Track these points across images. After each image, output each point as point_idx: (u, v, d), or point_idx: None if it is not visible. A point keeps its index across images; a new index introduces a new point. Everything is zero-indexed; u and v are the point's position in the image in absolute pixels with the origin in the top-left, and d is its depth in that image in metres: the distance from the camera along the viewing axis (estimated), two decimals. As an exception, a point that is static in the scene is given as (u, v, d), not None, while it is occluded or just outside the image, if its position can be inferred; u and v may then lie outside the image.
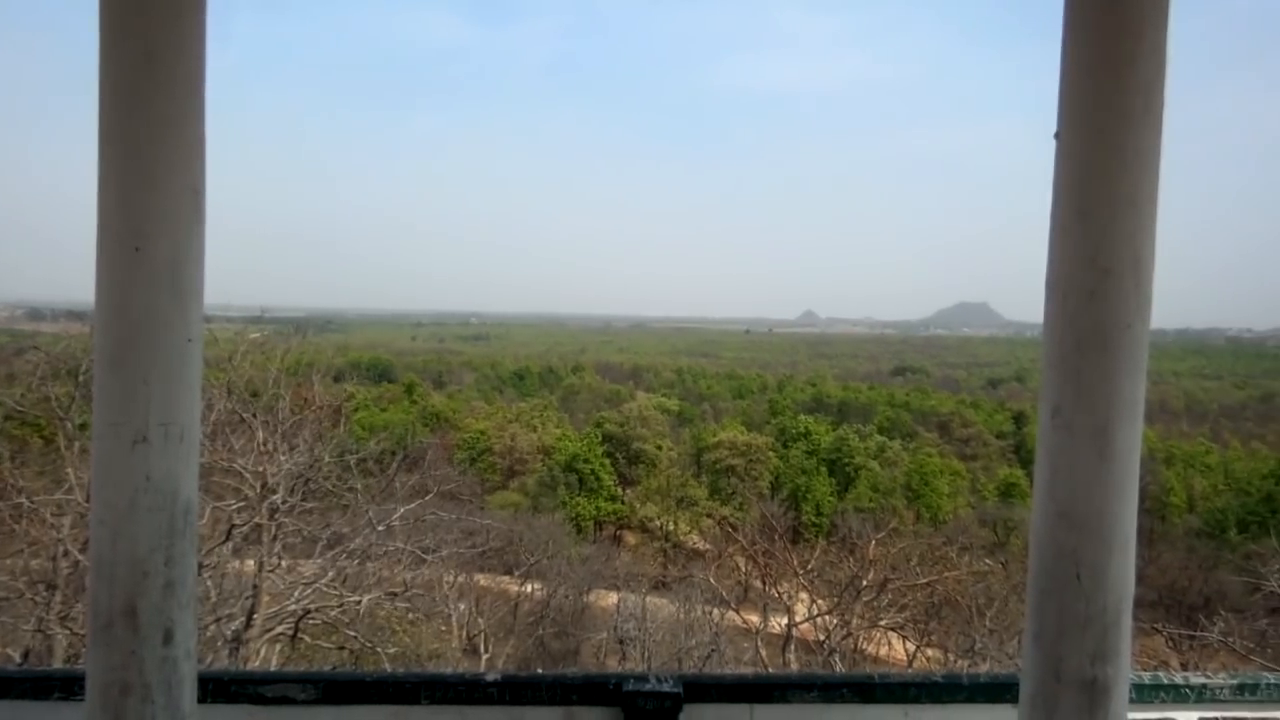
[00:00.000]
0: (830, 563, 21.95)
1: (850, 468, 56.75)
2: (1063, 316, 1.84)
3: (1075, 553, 1.84)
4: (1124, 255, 1.78)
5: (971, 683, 2.89)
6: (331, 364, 25.20)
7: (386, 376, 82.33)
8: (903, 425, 68.70)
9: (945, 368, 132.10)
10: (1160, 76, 1.78)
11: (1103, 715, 1.85)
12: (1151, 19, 1.76)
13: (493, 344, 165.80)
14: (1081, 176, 1.81)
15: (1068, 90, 1.82)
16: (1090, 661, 1.84)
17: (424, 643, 18.70)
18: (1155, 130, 1.79)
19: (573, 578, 33.09)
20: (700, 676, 2.84)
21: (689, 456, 59.87)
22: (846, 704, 2.83)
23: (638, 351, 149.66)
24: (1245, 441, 73.14)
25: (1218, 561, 40.77)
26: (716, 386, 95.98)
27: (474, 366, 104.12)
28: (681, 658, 21.34)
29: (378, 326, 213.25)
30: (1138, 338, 1.82)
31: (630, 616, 28.18)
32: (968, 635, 18.43)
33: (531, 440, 57.48)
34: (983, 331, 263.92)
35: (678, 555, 47.84)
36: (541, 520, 40.13)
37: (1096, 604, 1.83)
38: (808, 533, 42.74)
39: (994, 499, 52.01)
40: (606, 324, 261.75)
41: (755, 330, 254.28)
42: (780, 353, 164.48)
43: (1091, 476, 1.82)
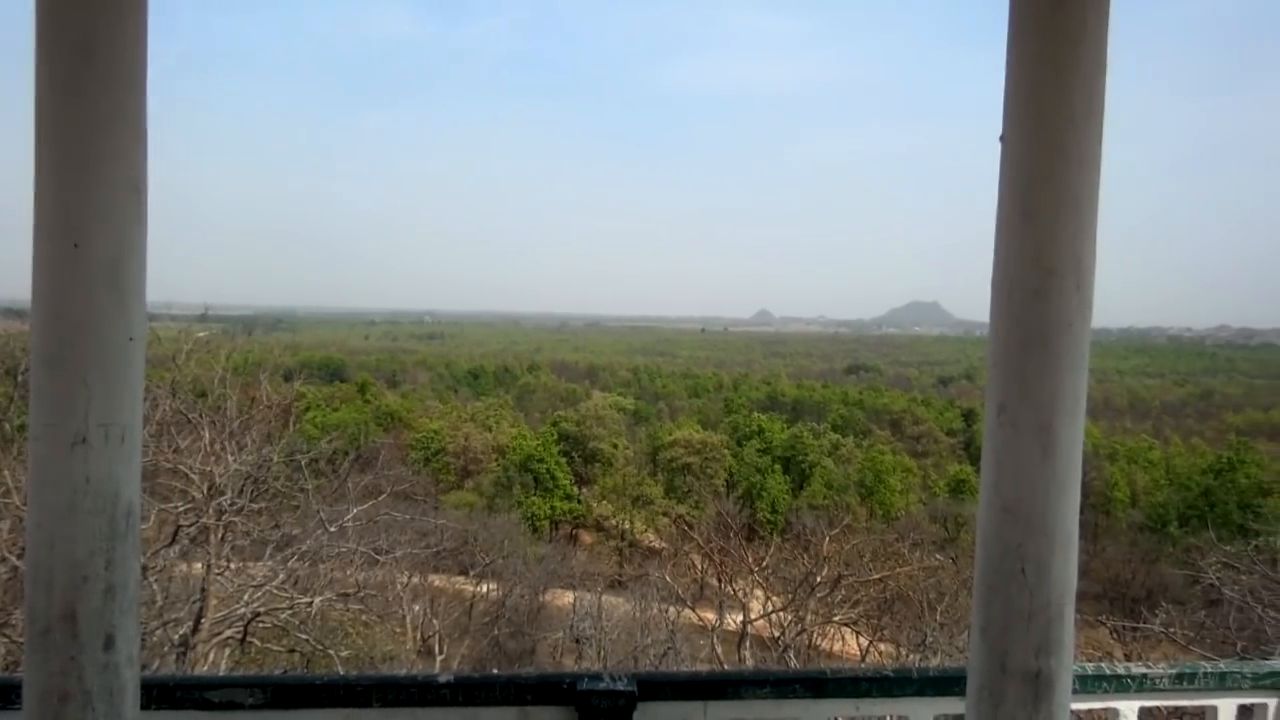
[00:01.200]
0: (785, 560, 22.13)
1: (805, 465, 57.27)
2: (1008, 316, 1.87)
3: (1020, 548, 1.87)
4: (1066, 256, 1.82)
5: (921, 676, 2.94)
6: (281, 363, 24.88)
7: (339, 376, 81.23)
8: (856, 423, 69.47)
9: (897, 366, 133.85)
10: (1101, 82, 1.82)
11: (1047, 706, 1.88)
12: (1093, 26, 1.80)
13: (447, 343, 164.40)
14: (1026, 178, 1.85)
15: (1012, 94, 1.85)
16: (1035, 654, 1.88)
17: (378, 645, 18.49)
18: (1096, 134, 1.83)
19: (528, 577, 32.95)
20: (654, 674, 2.85)
21: (645, 455, 59.93)
22: (799, 699, 2.86)
23: (594, 350, 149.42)
24: (1186, 438, 75.18)
25: (1159, 555, 41.86)
26: (672, 385, 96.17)
27: (428, 365, 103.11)
28: (637, 656, 21.36)
29: (330, 325, 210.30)
30: (1079, 336, 1.85)
31: (586, 615, 28.16)
32: (919, 629, 18.68)
33: (486, 440, 57.10)
34: (934, 330, 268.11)
35: (634, 554, 47.92)
36: (497, 520, 39.91)
37: (1040, 598, 1.87)
38: (763, 530, 43.03)
39: (945, 495, 52.80)
40: (563, 323, 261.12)
41: (711, 329, 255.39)
42: (735, 352, 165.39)
43: (1035, 473, 1.85)
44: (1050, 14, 1.79)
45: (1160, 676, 3.08)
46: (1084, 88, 1.80)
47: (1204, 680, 3.12)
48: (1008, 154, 1.87)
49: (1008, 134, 1.86)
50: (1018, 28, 1.84)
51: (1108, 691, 3.05)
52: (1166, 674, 3.10)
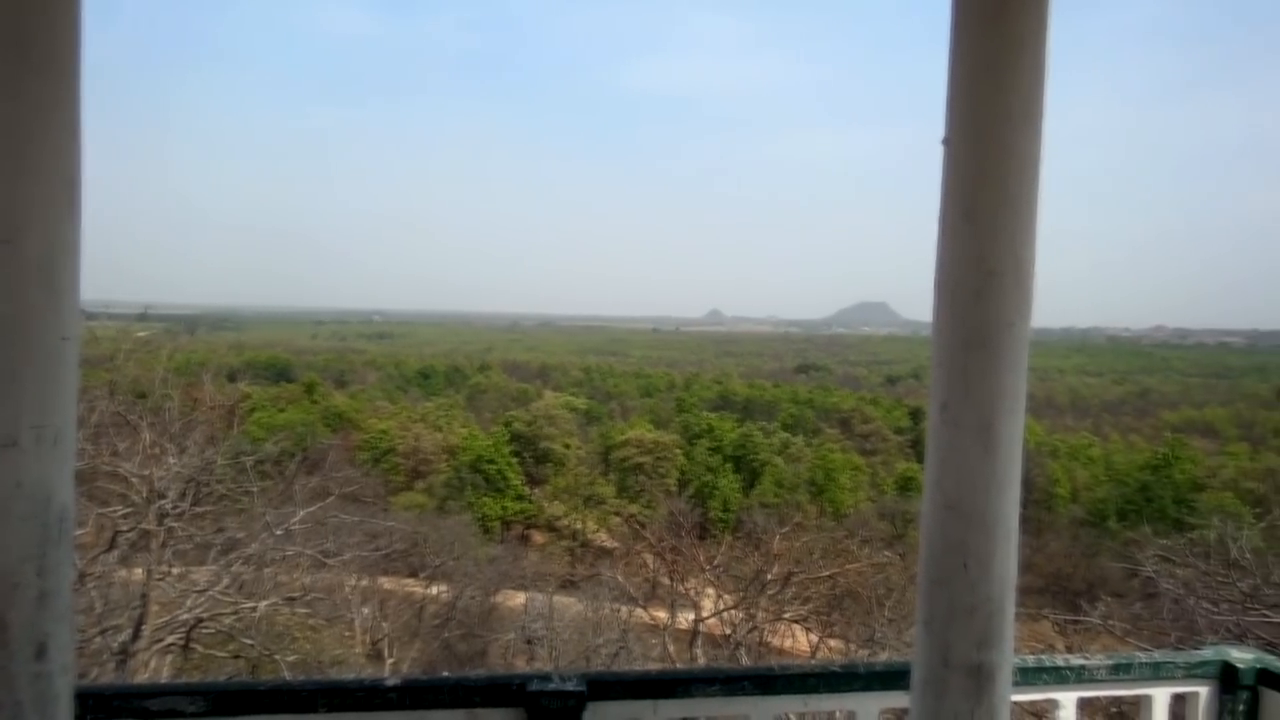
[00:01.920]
0: (736, 558, 22.26)
1: (755, 464, 57.72)
2: (950, 315, 1.90)
3: (962, 544, 1.90)
4: (1006, 256, 1.85)
5: (868, 671, 2.98)
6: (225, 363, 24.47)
7: (285, 376, 79.83)
8: (806, 422, 70.20)
9: (846, 365, 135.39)
10: (1040, 86, 1.86)
11: (988, 698, 1.92)
12: (1032, 33, 1.83)
13: (397, 342, 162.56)
14: (967, 181, 1.88)
15: (954, 99, 1.88)
16: (977, 647, 1.91)
17: (325, 649, 18.22)
18: (1036, 137, 1.87)
19: (480, 579, 32.71)
20: (604, 674, 2.85)
21: (597, 455, 59.89)
22: (748, 696, 2.88)
23: (545, 350, 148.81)
24: (1124, 435, 77.32)
25: (1099, 549, 42.89)
26: (624, 385, 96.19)
27: (377, 365, 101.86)
28: (589, 656, 21.32)
29: (276, 324, 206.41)
30: (1019, 336, 1.89)
31: (538, 616, 28.06)
32: (868, 625, 18.91)
33: (437, 440, 56.61)
34: (882, 330, 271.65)
35: (586, 554, 47.83)
36: (447, 521, 39.56)
37: (982, 592, 1.90)
38: (715, 529, 43.29)
39: (893, 492, 53.60)
40: (514, 322, 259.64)
41: (662, 329, 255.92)
42: (687, 351, 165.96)
43: (977, 470, 1.88)
44: (991, 21, 1.82)
45: (1098, 667, 3.16)
46: (1024, 92, 1.84)
47: (1140, 670, 3.21)
48: (950, 157, 1.90)
49: (950, 137, 1.89)
50: (960, 34, 1.87)
51: (1048, 683, 3.12)
52: (1104, 665, 3.18)
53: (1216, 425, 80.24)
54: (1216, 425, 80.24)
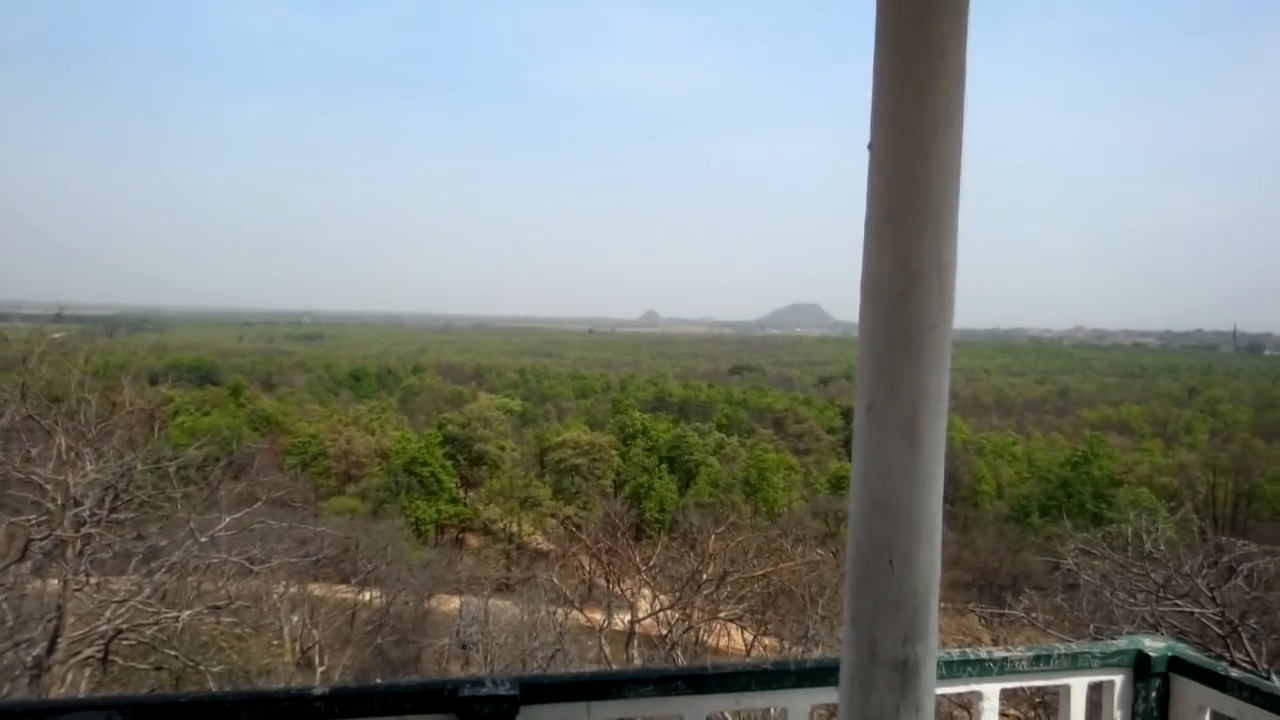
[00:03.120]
0: (672, 558, 22.31)
1: (691, 464, 58.07)
2: (876, 317, 1.93)
3: (888, 541, 1.94)
4: (929, 259, 1.89)
5: (799, 668, 3.01)
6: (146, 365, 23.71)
7: (210, 378, 77.79)
8: (741, 422, 70.87)
9: (780, 366, 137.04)
10: (960, 94, 1.90)
11: (913, 692, 1.96)
12: (952, 42, 1.88)
13: (327, 344, 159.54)
14: (891, 185, 1.91)
15: (878, 105, 1.92)
16: (902, 642, 1.95)
17: (253, 658, 17.82)
18: (957, 143, 1.91)
19: (413, 583, 32.31)
20: (537, 677, 2.83)
21: (532, 457, 59.63)
22: (681, 695, 2.89)
23: (480, 351, 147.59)
24: (1046, 433, 79.79)
25: (1023, 544, 44.20)
26: (560, 386, 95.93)
27: (307, 367, 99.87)
28: (525, 659, 21.18)
29: (200, 325, 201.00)
30: (942, 337, 1.93)
31: (473, 620, 27.77)
32: (801, 623, 19.14)
33: (369, 443, 55.77)
34: (814, 331, 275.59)
35: (521, 556, 47.57)
36: (380, 525, 39.02)
37: (907, 588, 1.94)
38: (650, 529, 43.44)
39: (825, 491, 54.41)
40: (447, 324, 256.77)
41: (598, 330, 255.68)
42: (623, 352, 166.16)
43: (902, 468, 1.92)
44: (912, 31, 1.86)
45: (1019, 659, 3.26)
46: (944, 100, 1.88)
47: (1059, 661, 3.31)
48: (875, 162, 1.93)
49: (875, 143, 1.93)
50: (882, 43, 1.90)
51: (972, 675, 3.20)
52: (1025, 656, 3.27)
53: (1132, 423, 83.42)
54: (1132, 423, 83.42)
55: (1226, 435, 76.92)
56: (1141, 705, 3.33)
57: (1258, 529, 38.25)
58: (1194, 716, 3.24)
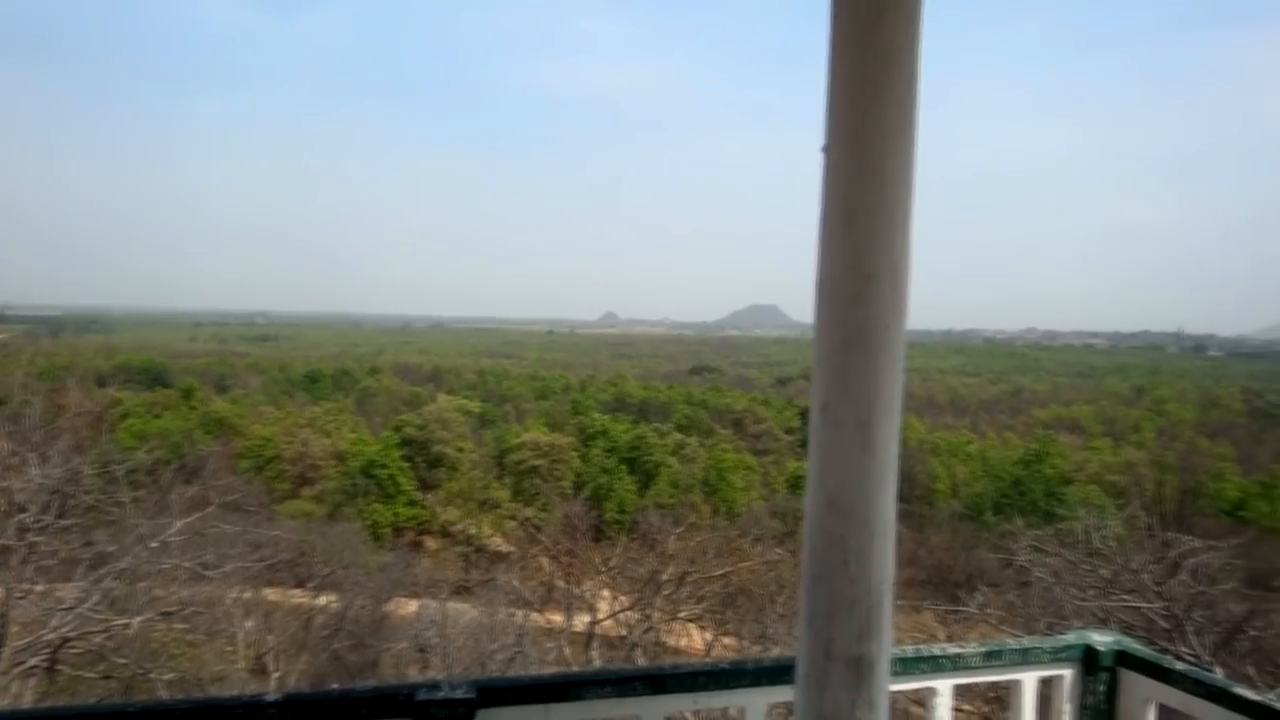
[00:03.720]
0: (632, 559, 22.36)
1: (651, 465, 58.13)
2: (830, 318, 1.95)
3: (843, 540, 1.95)
4: (883, 261, 1.90)
5: (756, 667, 3.03)
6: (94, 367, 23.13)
7: (161, 381, 76.16)
8: (700, 423, 71.09)
9: (739, 367, 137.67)
10: (914, 97, 1.93)
11: (868, 688, 1.97)
12: (906, 47, 1.90)
13: (282, 345, 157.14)
14: (846, 187, 1.93)
15: (833, 107, 1.93)
16: (857, 639, 1.96)
17: (206, 665, 17.52)
18: (910, 145, 1.94)
19: (370, 587, 31.88)
20: (495, 680, 2.81)
21: (492, 458, 59.28)
22: (639, 696, 2.89)
23: (438, 353, 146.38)
24: (1000, 432, 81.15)
25: (977, 541, 44.76)
26: (519, 387, 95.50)
27: (261, 369, 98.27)
28: (484, 662, 21.06)
29: (150, 326, 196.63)
30: (896, 338, 1.95)
31: (431, 624, 27.51)
32: (760, 622, 19.29)
33: (325, 445, 55.05)
34: (773, 332, 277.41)
35: (480, 559, 47.22)
36: (336, 529, 38.49)
37: (862, 586, 1.95)
38: (610, 530, 43.31)
39: (784, 491, 54.75)
40: (405, 324, 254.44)
41: (558, 331, 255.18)
42: (582, 353, 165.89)
43: (856, 467, 1.93)
44: (866, 35, 1.88)
45: (972, 655, 3.31)
46: (898, 103, 1.90)
47: (1010, 656, 3.37)
48: (829, 164, 1.94)
49: (829, 145, 1.94)
50: (837, 45, 1.92)
51: (926, 672, 3.25)
52: (978, 652, 3.32)
53: (1082, 422, 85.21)
54: (1082, 422, 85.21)
55: (1172, 434, 78.89)
56: (1090, 699, 3.40)
57: (1202, 525, 39.04)
58: (1140, 709, 3.31)
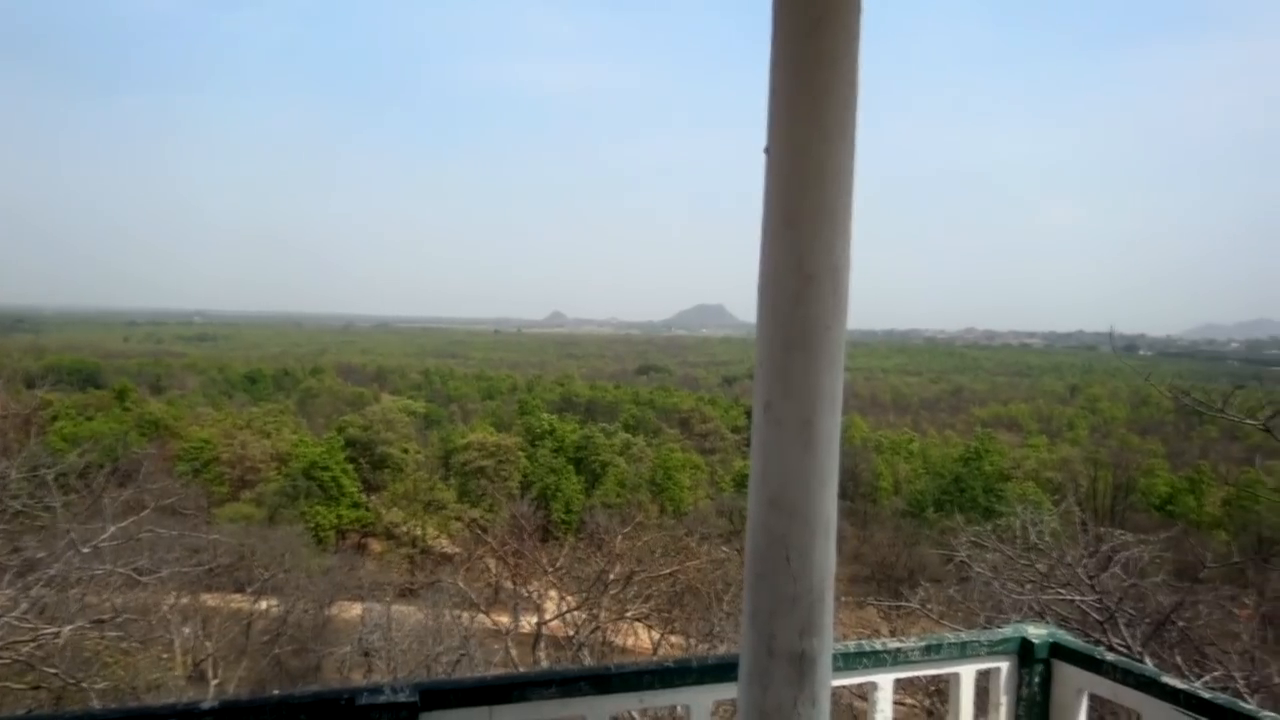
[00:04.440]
0: (579, 559, 22.28)
1: (598, 465, 58.09)
2: (772, 318, 1.97)
3: (785, 537, 1.97)
4: (824, 262, 1.93)
5: (700, 665, 3.04)
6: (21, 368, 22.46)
7: (93, 381, 74.10)
8: (647, 422, 71.24)
9: (686, 366, 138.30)
10: (853, 100, 1.96)
11: (810, 684, 2.00)
12: (845, 52, 1.93)
13: (220, 345, 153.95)
14: (787, 189, 1.95)
15: (774, 110, 1.95)
16: (799, 636, 1.99)
17: (141, 674, 17.10)
18: (850, 149, 1.97)
19: (313, 591, 31.42)
20: (438, 683, 2.78)
21: (437, 459, 58.73)
22: (585, 696, 2.89)
23: (382, 352, 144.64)
24: (940, 430, 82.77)
25: (919, 537, 45.62)
26: (465, 387, 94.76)
27: (199, 369, 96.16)
28: (430, 665, 20.84)
29: (82, 326, 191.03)
30: (837, 338, 1.97)
31: (375, 627, 27.16)
32: (707, 620, 19.36)
33: (265, 447, 54.00)
34: (719, 332, 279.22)
35: (426, 561, 46.80)
36: (277, 532, 37.84)
37: (804, 583, 1.98)
38: (557, 531, 43.27)
39: (731, 490, 55.13)
40: (348, 324, 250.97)
41: (504, 330, 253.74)
42: (529, 353, 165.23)
43: (797, 466, 1.96)
44: (807, 38, 1.90)
45: (912, 649, 3.37)
46: (838, 106, 1.93)
47: (949, 650, 3.44)
48: (771, 165, 1.96)
49: (771, 146, 1.96)
50: (778, 49, 1.94)
51: (867, 666, 3.30)
52: (917, 647, 3.39)
53: (1020, 420, 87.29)
54: (1020, 420, 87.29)
55: (1105, 431, 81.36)
56: (1025, 690, 3.48)
57: (1133, 519, 40.31)
58: (1073, 699, 3.41)
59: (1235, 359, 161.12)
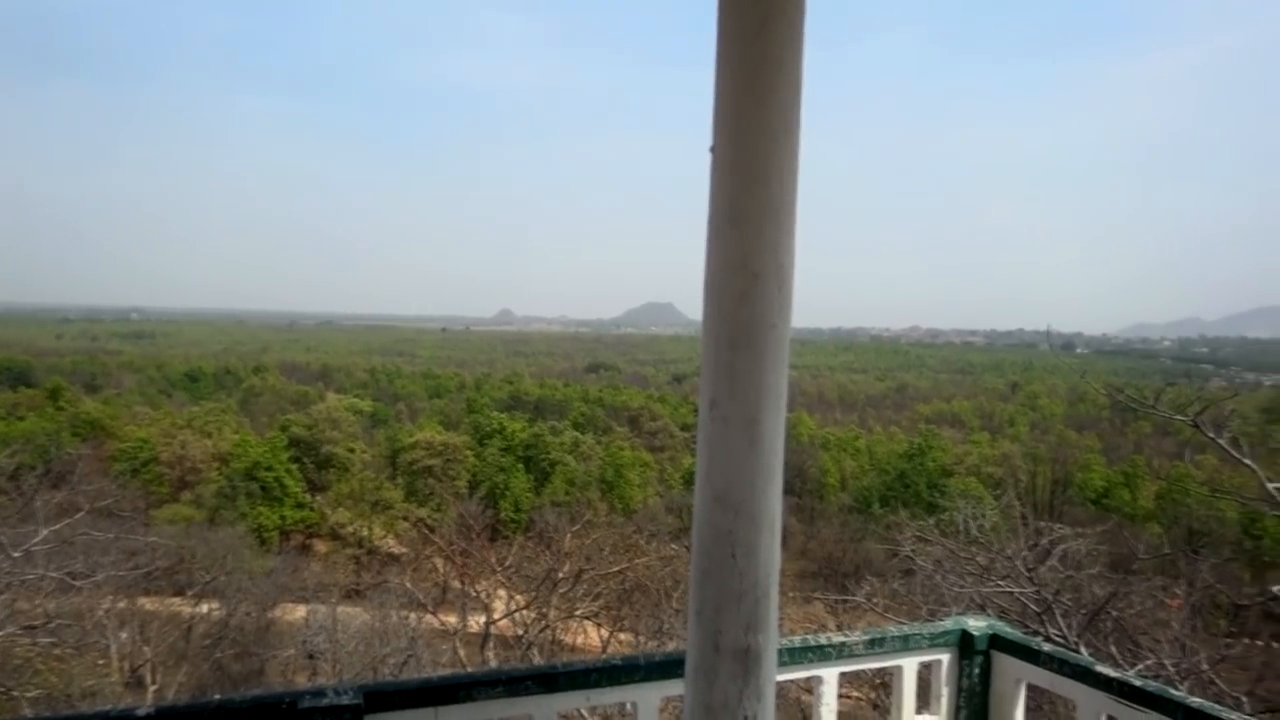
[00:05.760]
0: (528, 558, 22.19)
1: (547, 463, 57.86)
2: (717, 317, 1.98)
3: (731, 534, 1.98)
4: (769, 261, 1.95)
5: (648, 662, 3.05)
6: (-52, 367, 21.68)
7: (24, 380, 71.83)
8: (596, 420, 71.14)
9: (635, 364, 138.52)
10: (797, 101, 1.97)
11: (755, 679, 2.01)
12: (790, 55, 1.94)
13: (159, 342, 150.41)
14: (733, 188, 1.96)
15: (720, 109, 1.96)
16: (744, 632, 2.00)
17: (76, 680, 16.59)
18: (795, 148, 1.98)
19: (255, 593, 30.81)
20: (382, 684, 2.75)
21: (384, 459, 58.03)
22: (532, 695, 2.88)
23: (327, 351, 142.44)
24: (886, 427, 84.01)
25: (865, 533, 46.24)
26: (412, 386, 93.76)
27: (136, 367, 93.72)
28: (376, 667, 20.60)
29: (12, 323, 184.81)
30: (781, 336, 1.99)
31: (321, 629, 26.78)
32: (656, 617, 19.43)
33: (206, 447, 52.78)
34: (669, 330, 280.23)
35: (372, 561, 46.18)
36: (219, 534, 36.97)
37: (749, 579, 1.99)
38: (506, 530, 43.03)
39: (680, 487, 55.30)
40: (292, 321, 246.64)
41: (452, 328, 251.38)
42: (478, 351, 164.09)
43: (743, 463, 1.97)
44: (752, 40, 1.91)
45: (856, 643, 3.42)
46: (783, 106, 1.94)
47: (892, 643, 3.50)
48: (716, 164, 1.97)
49: (716, 146, 1.97)
50: (724, 50, 1.95)
51: (812, 661, 3.34)
52: (861, 640, 3.44)
53: (962, 416, 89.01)
54: (962, 416, 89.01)
55: (1044, 427, 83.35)
56: (966, 681, 3.55)
57: (1071, 513, 41.45)
58: (1012, 689, 3.49)
59: (1167, 357, 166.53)
